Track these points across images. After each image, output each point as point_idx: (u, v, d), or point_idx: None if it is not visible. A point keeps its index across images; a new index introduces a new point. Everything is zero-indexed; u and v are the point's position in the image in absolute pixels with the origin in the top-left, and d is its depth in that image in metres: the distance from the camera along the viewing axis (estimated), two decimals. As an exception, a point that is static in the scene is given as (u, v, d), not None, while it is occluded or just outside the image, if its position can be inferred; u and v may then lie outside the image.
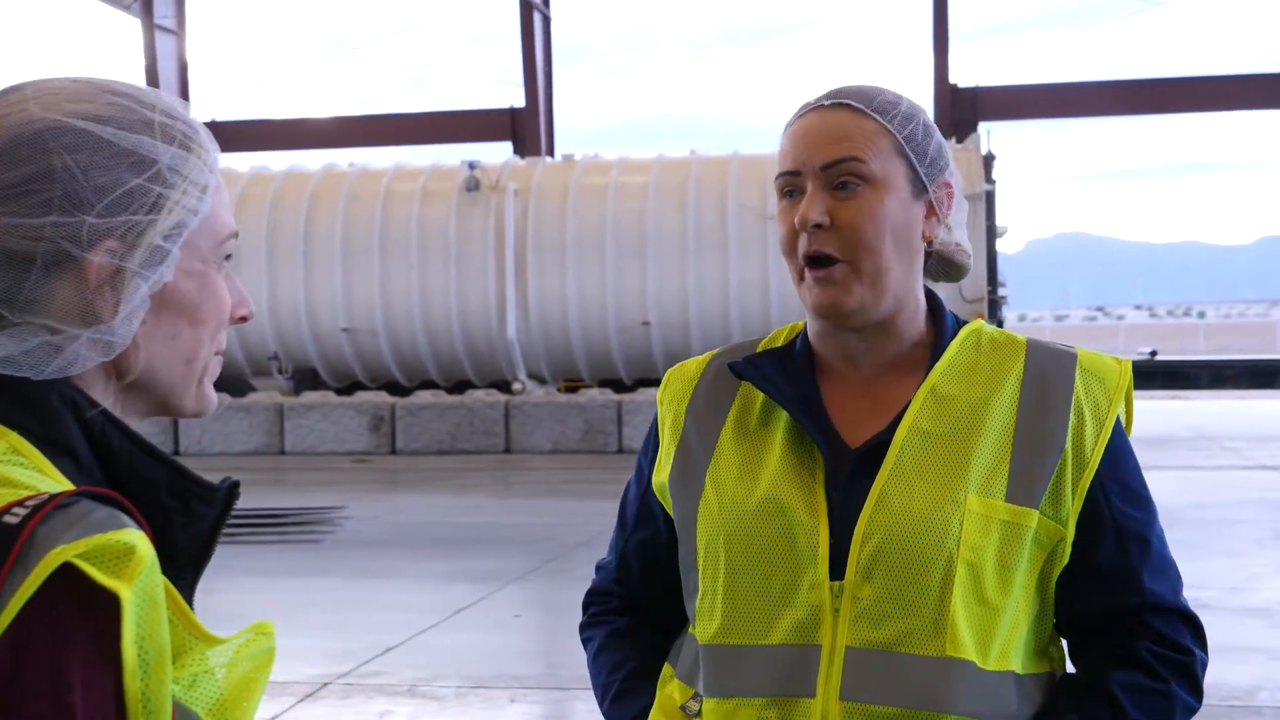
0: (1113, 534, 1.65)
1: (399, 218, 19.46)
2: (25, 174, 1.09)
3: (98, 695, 0.97)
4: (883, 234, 1.62)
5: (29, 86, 1.15)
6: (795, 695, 1.58)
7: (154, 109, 1.17)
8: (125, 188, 1.12)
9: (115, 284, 1.12)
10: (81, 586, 0.97)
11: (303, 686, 6.30)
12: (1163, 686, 1.65)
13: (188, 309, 1.18)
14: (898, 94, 1.71)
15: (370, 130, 27.51)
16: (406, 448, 18.47)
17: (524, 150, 24.41)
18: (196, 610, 1.13)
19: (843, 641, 1.57)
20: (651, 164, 19.46)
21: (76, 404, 1.12)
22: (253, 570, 9.89)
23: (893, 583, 1.57)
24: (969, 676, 1.56)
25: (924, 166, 1.67)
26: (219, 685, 1.08)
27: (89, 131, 1.12)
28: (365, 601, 8.47)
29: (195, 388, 1.21)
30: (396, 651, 6.93)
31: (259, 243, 19.70)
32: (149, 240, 1.13)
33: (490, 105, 26.92)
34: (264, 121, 28.58)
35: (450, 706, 5.99)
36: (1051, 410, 1.63)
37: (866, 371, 1.70)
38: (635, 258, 18.58)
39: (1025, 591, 1.62)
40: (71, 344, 1.12)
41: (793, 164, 1.66)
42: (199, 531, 1.16)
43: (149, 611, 0.99)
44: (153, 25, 27.18)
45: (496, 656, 6.70)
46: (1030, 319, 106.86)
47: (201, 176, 1.18)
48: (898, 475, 1.60)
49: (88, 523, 0.99)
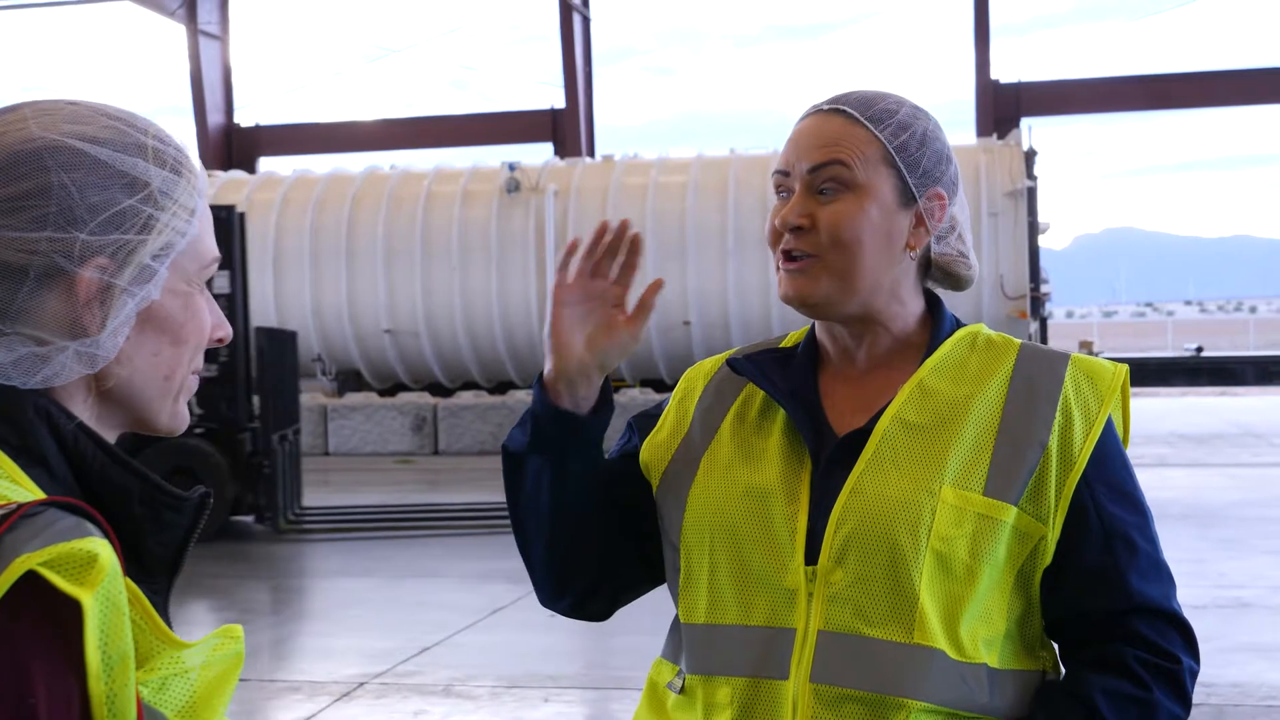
0: (1099, 535, 1.65)
1: (440, 220, 19.56)
2: (23, 189, 1.13)
3: (60, 698, 0.99)
4: (859, 238, 1.66)
5: (28, 106, 1.19)
6: (770, 677, 1.61)
7: (147, 133, 1.20)
8: (118, 207, 1.16)
9: (104, 299, 1.16)
10: (45, 593, 1.00)
11: (339, 686, 6.37)
12: (1145, 695, 1.62)
13: (171, 327, 1.21)
14: (900, 101, 1.73)
15: (413, 133, 27.66)
16: (449, 448, 18.57)
17: (564, 151, 24.49)
18: (232, 606, 1.16)
19: (815, 625, 1.60)
20: (691, 163, 19.48)
21: (51, 415, 1.15)
22: (297, 570, 9.99)
23: (864, 568, 1.60)
24: (936, 664, 1.57)
25: (915, 177, 1.70)
26: (191, 687, 1.10)
27: (85, 152, 1.15)
28: (405, 601, 8.54)
29: (171, 404, 1.24)
30: (433, 651, 6.99)
31: (302, 246, 19.86)
32: (138, 259, 1.17)
33: (532, 106, 27.02)
34: (307, 125, 28.80)
35: (484, 706, 6.04)
36: (1037, 408, 1.65)
37: (861, 367, 1.74)
38: (675, 258, 18.60)
39: (1002, 587, 1.63)
40: (59, 355, 1.15)
41: (784, 165, 1.71)
42: (170, 540, 1.18)
43: (112, 617, 1.02)
44: (197, 31, 27.41)
45: (532, 656, 6.75)
46: (1078, 315, 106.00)
47: (190, 200, 1.21)
48: (875, 464, 1.64)
49: (53, 531, 1.02)
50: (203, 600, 8.78)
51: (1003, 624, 1.64)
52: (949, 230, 1.76)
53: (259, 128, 28.37)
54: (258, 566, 10.34)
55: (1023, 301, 17.99)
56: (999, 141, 19.12)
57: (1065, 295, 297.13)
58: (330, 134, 28.22)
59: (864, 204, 1.67)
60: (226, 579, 9.76)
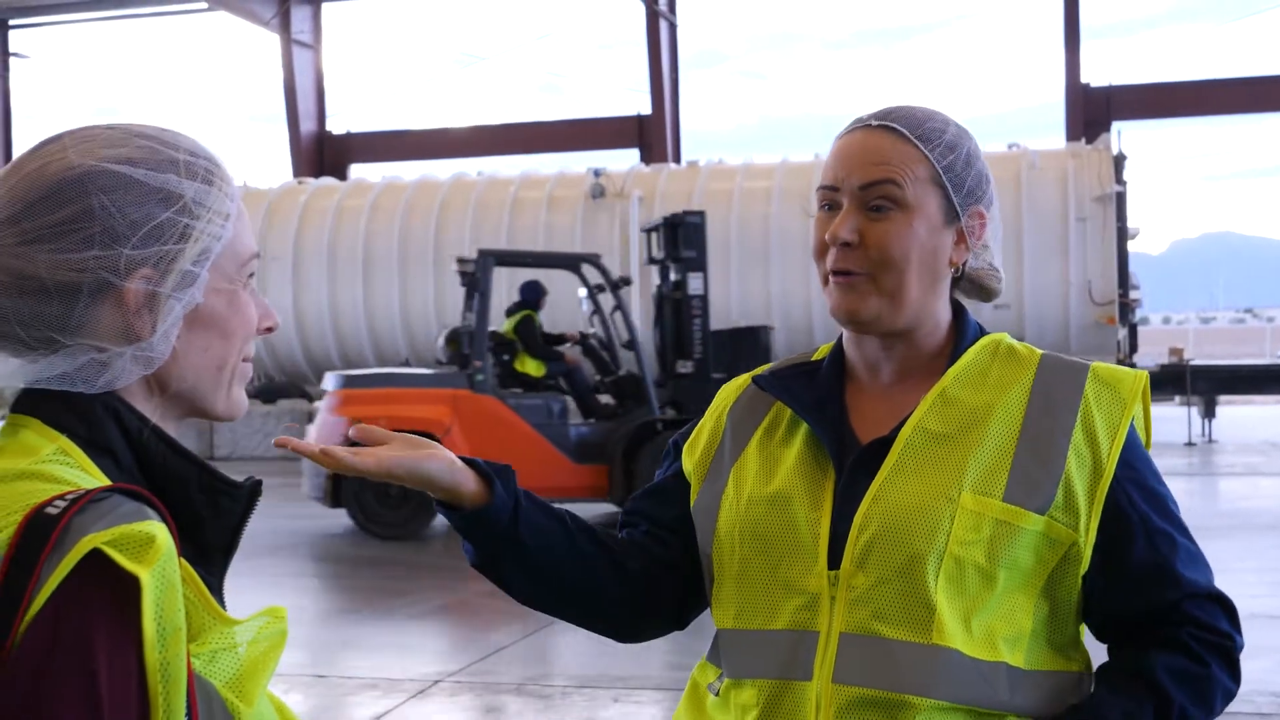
0: (1142, 534, 1.71)
1: (526, 225, 19.75)
2: (69, 214, 1.25)
3: (120, 664, 1.11)
4: (908, 256, 1.71)
5: (68, 135, 1.31)
6: (795, 678, 1.67)
7: (178, 149, 1.31)
8: (156, 221, 1.27)
9: (152, 306, 1.27)
10: (107, 569, 1.12)
11: (414, 684, 6.50)
12: (1203, 670, 1.70)
13: (218, 323, 1.33)
14: (946, 121, 1.78)
15: (500, 139, 27.92)
16: (533, 452, 18.71)
17: (650, 156, 24.59)
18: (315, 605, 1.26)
19: (838, 627, 1.66)
20: (775, 169, 19.50)
21: (118, 411, 1.28)
22: (379, 570, 10.17)
23: (884, 571, 1.65)
24: (954, 664, 1.63)
25: (959, 196, 1.75)
26: (238, 660, 1.22)
27: (122, 173, 1.27)
28: (481, 603, 8.68)
29: (225, 392, 1.36)
30: (508, 651, 7.10)
31: (390, 250, 20.15)
32: (179, 266, 1.28)
33: (619, 113, 27.15)
34: (397, 133, 29.15)
35: (555, 705, 6.14)
36: (1058, 417, 1.70)
37: (886, 379, 1.80)
38: (759, 263, 18.64)
39: (1027, 590, 1.68)
40: (117, 360, 1.27)
41: (832, 179, 1.76)
42: (226, 524, 1.30)
43: (166, 593, 1.14)
44: (291, 40, 27.89)
45: (605, 657, 6.83)
46: (1175, 321, 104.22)
47: (223, 206, 1.32)
48: (898, 471, 1.69)
49: (116, 514, 1.14)
50: (290, 598, 8.98)
51: (1028, 624, 1.69)
52: (983, 245, 1.80)
53: (350, 135, 28.79)
54: (340, 566, 10.54)
55: (1111, 307, 17.80)
56: (1088, 146, 18.93)
57: (1162, 301, 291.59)
58: (420, 141, 28.56)
59: (912, 222, 1.71)
60: (308, 578, 9.97)
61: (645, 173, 20.18)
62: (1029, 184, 18.24)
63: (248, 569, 9.49)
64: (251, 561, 9.90)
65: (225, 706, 1.19)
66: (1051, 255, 17.99)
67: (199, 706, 1.16)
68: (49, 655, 1.10)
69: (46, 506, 1.14)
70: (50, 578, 1.10)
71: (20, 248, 1.24)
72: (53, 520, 1.12)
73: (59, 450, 1.24)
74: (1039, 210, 18.08)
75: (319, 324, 20.84)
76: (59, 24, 31.85)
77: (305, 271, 20.91)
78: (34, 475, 1.19)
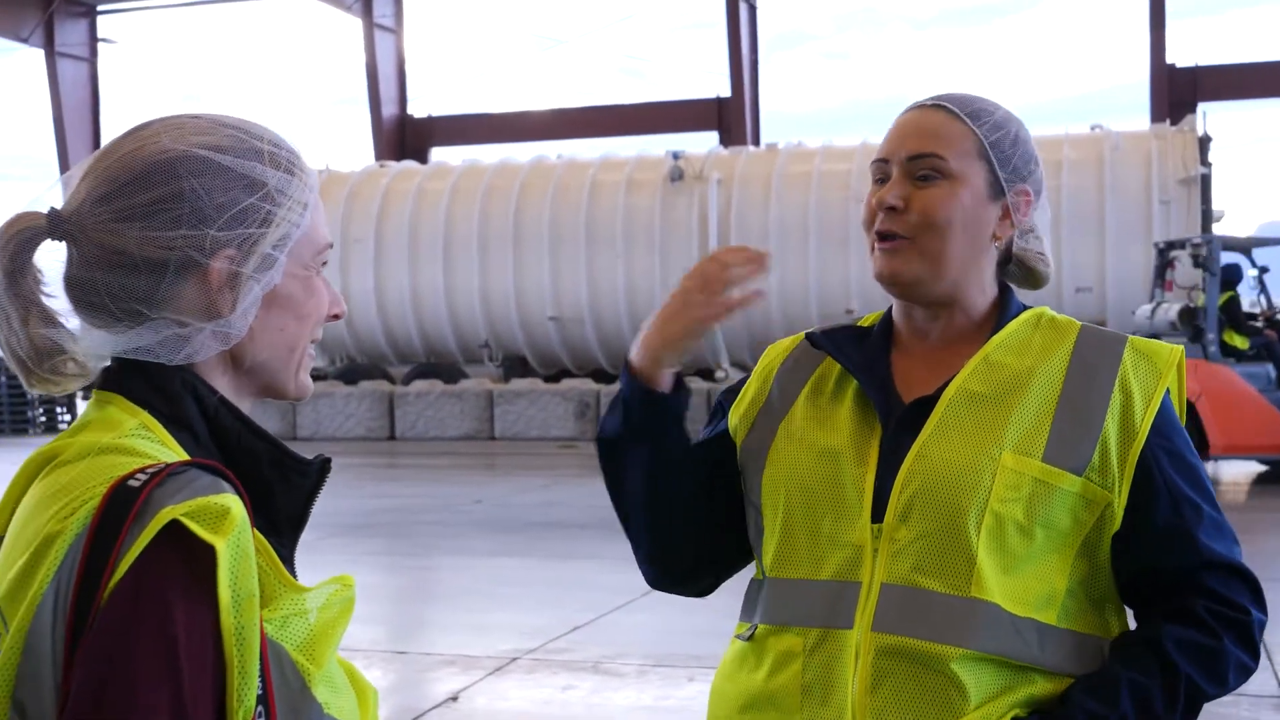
0: (1167, 498, 1.76)
1: (605, 208, 19.84)
2: (160, 195, 1.31)
3: (197, 628, 1.18)
4: (951, 220, 1.79)
5: (159, 122, 1.37)
6: (837, 627, 1.73)
7: (263, 139, 1.38)
8: (241, 206, 1.33)
9: (233, 285, 1.33)
10: (185, 539, 1.18)
11: (492, 660, 6.59)
12: (1215, 644, 1.73)
13: (293, 306, 1.38)
14: (996, 105, 1.87)
15: (580, 122, 28.02)
16: (611, 434, 18.80)
17: (729, 139, 24.57)
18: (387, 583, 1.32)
19: (879, 579, 1.73)
20: (855, 151, 19.43)
21: (196, 388, 1.34)
22: (458, 550, 10.29)
23: (926, 525, 1.72)
24: (990, 617, 1.69)
25: (1005, 172, 1.82)
26: (309, 626, 1.28)
27: (211, 160, 1.33)
28: (560, 581, 8.76)
29: (295, 374, 1.42)
30: (584, 630, 7.17)
31: (470, 233, 20.33)
32: (261, 249, 1.34)
33: (699, 95, 27.15)
34: (478, 116, 29.35)
35: (630, 683, 6.20)
36: (1096, 383, 1.77)
37: (933, 344, 1.87)
38: (838, 246, 18.60)
39: (1063, 550, 1.74)
40: (197, 335, 1.33)
41: (884, 153, 1.85)
42: (296, 498, 1.36)
43: (240, 562, 1.20)
44: (373, 24, 28.16)
45: (680, 635, 6.88)
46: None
47: (303, 195, 1.38)
48: (941, 430, 1.76)
49: (193, 488, 1.21)
50: (370, 576, 9.11)
51: (1063, 583, 1.74)
52: (1029, 230, 1.87)
53: (431, 118, 29.04)
54: (414, 544, 10.68)
55: (1196, 291, 17.54)
56: (1172, 128, 18.67)
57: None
58: (500, 124, 28.75)
59: (957, 191, 1.79)
60: (389, 556, 10.11)
61: (724, 155, 20.18)
62: (1112, 166, 18.02)
63: (328, 546, 9.66)
64: (331, 540, 10.05)
65: (296, 668, 1.25)
66: (1134, 239, 17.76)
67: (271, 668, 1.22)
68: (131, 620, 1.16)
69: (129, 479, 1.20)
70: (132, 547, 1.16)
71: (113, 224, 1.30)
72: (134, 492, 1.19)
73: (141, 425, 1.30)
74: (1122, 193, 17.86)
75: (400, 306, 21.07)
76: (146, 9, 32.39)
77: (386, 254, 21.14)
78: (117, 449, 1.25)
